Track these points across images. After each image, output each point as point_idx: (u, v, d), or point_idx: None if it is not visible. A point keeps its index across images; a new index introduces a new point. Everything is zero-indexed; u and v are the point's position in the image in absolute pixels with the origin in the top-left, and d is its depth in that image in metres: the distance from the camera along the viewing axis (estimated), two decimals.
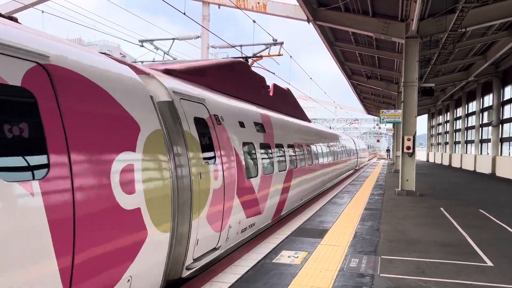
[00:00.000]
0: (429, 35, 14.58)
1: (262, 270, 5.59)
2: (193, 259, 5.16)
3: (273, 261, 6.04)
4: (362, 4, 14.62)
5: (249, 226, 7.24)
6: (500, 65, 24.73)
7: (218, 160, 5.83)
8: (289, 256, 6.29)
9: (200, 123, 5.57)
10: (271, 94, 10.82)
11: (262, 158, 7.94)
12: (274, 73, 18.79)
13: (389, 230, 8.45)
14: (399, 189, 14.59)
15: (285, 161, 9.67)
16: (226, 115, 6.65)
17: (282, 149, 9.60)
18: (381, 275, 5.49)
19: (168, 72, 5.97)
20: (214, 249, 5.80)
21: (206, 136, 5.70)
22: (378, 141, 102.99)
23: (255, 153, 7.63)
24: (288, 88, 13.14)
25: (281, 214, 9.66)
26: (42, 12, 15.54)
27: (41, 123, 2.89)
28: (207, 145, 5.62)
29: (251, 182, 7.19)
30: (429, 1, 13.42)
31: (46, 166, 2.89)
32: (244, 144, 7.14)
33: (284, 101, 12.25)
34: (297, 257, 6.28)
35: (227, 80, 7.81)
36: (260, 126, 8.29)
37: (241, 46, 17.86)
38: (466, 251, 6.85)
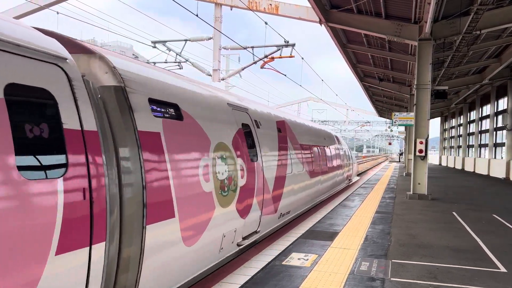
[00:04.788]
0: (442, 38, 14.41)
1: (271, 272, 5.58)
2: None
3: (283, 263, 6.03)
4: (375, 6, 14.53)
5: None
6: None
7: None
8: (299, 259, 6.27)
9: None
10: None
11: None
12: (285, 75, 18.81)
13: (400, 234, 8.37)
14: (411, 192, 14.44)
15: None
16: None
17: None
18: (392, 279, 5.44)
19: None
20: None
21: None
22: (389, 144, 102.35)
23: None
24: None
25: None
26: (57, 13, 15.76)
27: None
28: None
29: None
30: (443, 3, 13.27)
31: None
32: None
33: None
34: (307, 259, 6.25)
35: None
36: None
37: (252, 47, 17.93)
38: (479, 257, 6.75)
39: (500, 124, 27.14)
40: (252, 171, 7.00)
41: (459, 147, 40.27)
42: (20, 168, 2.86)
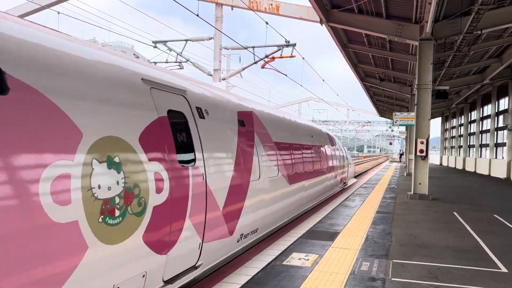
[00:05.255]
0: (443, 37, 14.41)
1: (272, 272, 5.58)
2: None
3: (284, 263, 6.03)
4: (376, 5, 14.53)
5: None
6: None
7: None
8: (299, 259, 6.27)
9: None
10: None
11: None
12: (286, 75, 18.80)
13: (401, 234, 8.37)
14: (412, 192, 14.43)
15: None
16: None
17: None
18: (392, 279, 5.44)
19: None
20: None
21: None
22: (390, 143, 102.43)
23: None
24: None
25: None
26: (58, 13, 15.77)
27: None
28: None
29: None
30: (444, 3, 13.26)
31: None
32: None
33: None
34: (308, 259, 6.25)
35: None
36: None
37: (253, 47, 17.92)
38: (479, 257, 6.74)
39: (501, 124, 27.14)
40: (183, 181, 4.70)
41: (460, 147, 40.24)
42: None
